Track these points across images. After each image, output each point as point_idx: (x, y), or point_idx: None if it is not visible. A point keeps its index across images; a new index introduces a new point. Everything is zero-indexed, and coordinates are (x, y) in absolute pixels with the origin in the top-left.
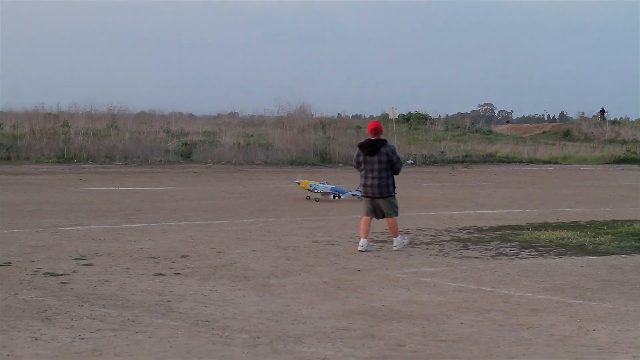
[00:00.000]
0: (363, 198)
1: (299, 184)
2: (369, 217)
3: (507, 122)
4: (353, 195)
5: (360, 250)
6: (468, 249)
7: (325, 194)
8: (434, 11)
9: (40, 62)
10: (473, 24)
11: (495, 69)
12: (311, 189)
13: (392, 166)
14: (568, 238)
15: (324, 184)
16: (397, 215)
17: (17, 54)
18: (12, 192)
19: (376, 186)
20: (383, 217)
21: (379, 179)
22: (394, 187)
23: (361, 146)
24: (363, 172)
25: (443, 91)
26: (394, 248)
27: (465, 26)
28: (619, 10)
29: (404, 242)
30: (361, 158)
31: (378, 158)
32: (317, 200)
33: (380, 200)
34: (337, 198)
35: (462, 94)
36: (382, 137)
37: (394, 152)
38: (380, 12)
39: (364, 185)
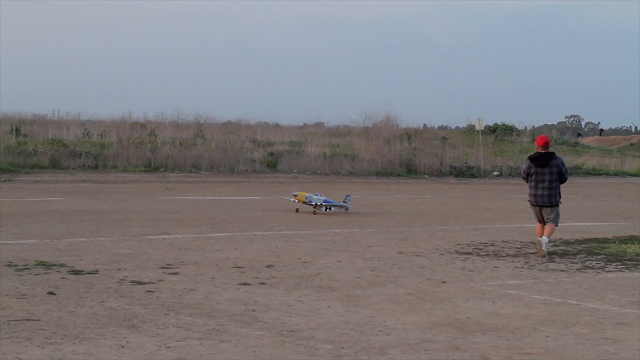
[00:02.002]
0: (532, 206)
1: (295, 196)
2: (542, 224)
3: (601, 131)
4: (340, 206)
5: (542, 249)
6: (554, 261)
7: (318, 206)
8: (520, 20)
9: (127, 71)
10: (559, 34)
11: (583, 80)
12: (307, 201)
13: (561, 177)
14: None
15: (317, 195)
16: (558, 223)
17: (106, 64)
18: (99, 201)
19: (546, 196)
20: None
21: (549, 189)
22: (560, 197)
23: (532, 159)
24: (533, 183)
25: (529, 102)
26: (542, 242)
27: (551, 36)
28: None
29: (548, 246)
30: (532, 170)
31: (549, 170)
32: (314, 212)
33: (548, 208)
34: (328, 210)
35: (548, 106)
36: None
37: (563, 163)
38: (466, 21)
39: (535, 195)
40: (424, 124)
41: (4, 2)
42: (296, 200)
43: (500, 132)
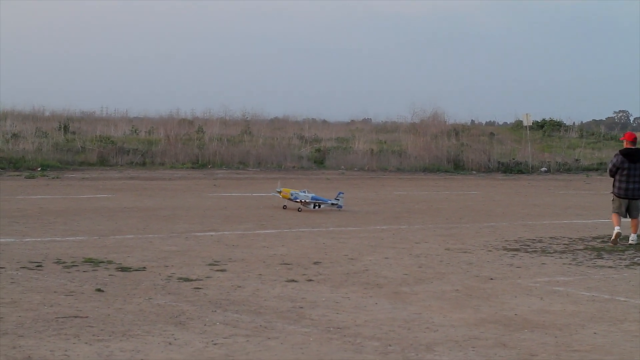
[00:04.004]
0: (617, 198)
1: (279, 192)
2: (619, 215)
3: None
4: (332, 204)
5: (617, 234)
6: (602, 258)
7: (306, 203)
8: (567, 14)
9: (175, 68)
10: (606, 28)
11: (631, 74)
12: (292, 198)
13: None
14: None
15: (304, 192)
16: None
17: (153, 61)
18: (147, 197)
19: (637, 189)
20: (626, 216)
21: None
22: None
23: (625, 154)
24: (624, 177)
25: (577, 98)
26: (630, 242)
27: (599, 30)
28: None
29: (638, 241)
30: (625, 165)
31: None
32: (299, 210)
33: (638, 201)
34: (317, 207)
35: (596, 101)
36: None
37: None
38: (514, 16)
39: (625, 189)
40: (472, 120)
41: (54, 3)
42: (281, 197)
43: (548, 128)
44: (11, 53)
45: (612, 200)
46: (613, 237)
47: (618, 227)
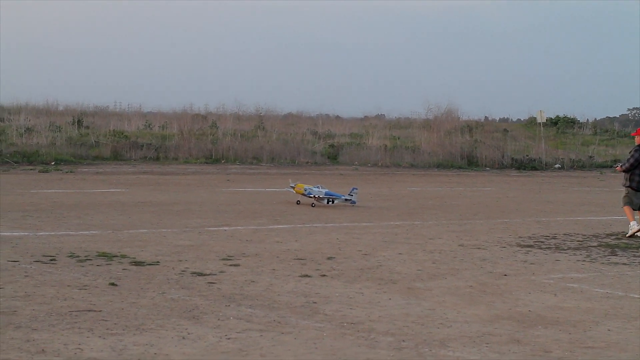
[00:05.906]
0: (633, 191)
1: (293, 187)
2: (632, 208)
3: None
4: (346, 200)
5: (634, 233)
6: (616, 255)
7: (319, 198)
8: (582, 10)
9: (189, 63)
10: (619, 23)
11: None
12: (306, 193)
13: None
14: None
15: (318, 187)
16: None
17: (167, 56)
18: (160, 192)
19: None
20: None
21: None
22: None
23: None
24: (638, 171)
25: (591, 94)
26: None
27: (612, 26)
28: None
29: None
30: None
31: None
32: (313, 205)
33: None
34: (330, 203)
35: (610, 98)
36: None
37: None
38: (528, 12)
39: (639, 182)
40: (485, 116)
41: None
42: (295, 192)
43: (562, 125)
44: (25, 47)
45: (627, 194)
46: (630, 233)
47: (635, 223)
